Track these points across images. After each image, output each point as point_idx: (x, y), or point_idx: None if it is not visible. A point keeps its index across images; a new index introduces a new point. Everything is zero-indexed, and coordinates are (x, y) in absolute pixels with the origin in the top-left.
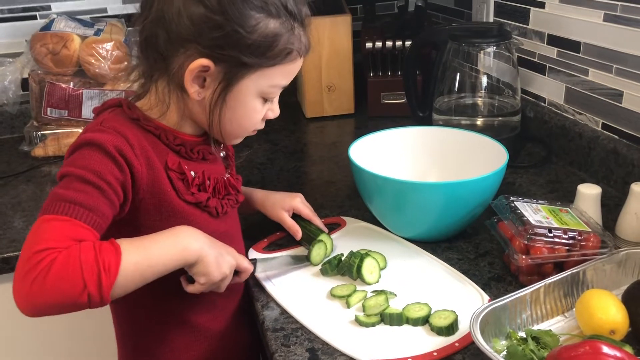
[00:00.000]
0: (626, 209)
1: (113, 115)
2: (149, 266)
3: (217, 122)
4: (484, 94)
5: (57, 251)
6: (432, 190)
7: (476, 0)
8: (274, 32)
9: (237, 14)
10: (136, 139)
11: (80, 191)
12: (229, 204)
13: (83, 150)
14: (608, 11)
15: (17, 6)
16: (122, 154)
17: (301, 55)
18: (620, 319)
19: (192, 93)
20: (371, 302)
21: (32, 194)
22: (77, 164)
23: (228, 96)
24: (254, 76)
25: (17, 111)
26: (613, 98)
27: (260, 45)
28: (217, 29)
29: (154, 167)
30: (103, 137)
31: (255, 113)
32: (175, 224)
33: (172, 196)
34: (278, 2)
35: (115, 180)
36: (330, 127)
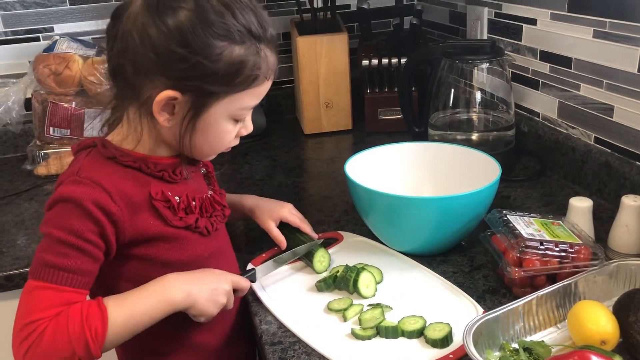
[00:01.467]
0: (617, 221)
1: (89, 160)
2: (136, 323)
3: (188, 146)
4: (478, 109)
5: (46, 321)
6: (427, 204)
7: (470, 18)
8: (239, 58)
9: (201, 45)
10: (113, 185)
11: (62, 255)
12: (218, 220)
13: (60, 207)
14: (597, 28)
15: (21, 28)
16: (99, 206)
17: (268, 78)
18: (610, 329)
19: (161, 121)
20: (367, 316)
21: (34, 212)
22: (55, 223)
23: (197, 123)
24: (222, 102)
25: (21, 130)
26: (604, 112)
27: (226, 73)
28: (182, 61)
29: (135, 206)
30: (78, 191)
31: (227, 134)
32: (170, 248)
33: (160, 227)
34: (241, 27)
35: (95, 235)
36: (328, 143)
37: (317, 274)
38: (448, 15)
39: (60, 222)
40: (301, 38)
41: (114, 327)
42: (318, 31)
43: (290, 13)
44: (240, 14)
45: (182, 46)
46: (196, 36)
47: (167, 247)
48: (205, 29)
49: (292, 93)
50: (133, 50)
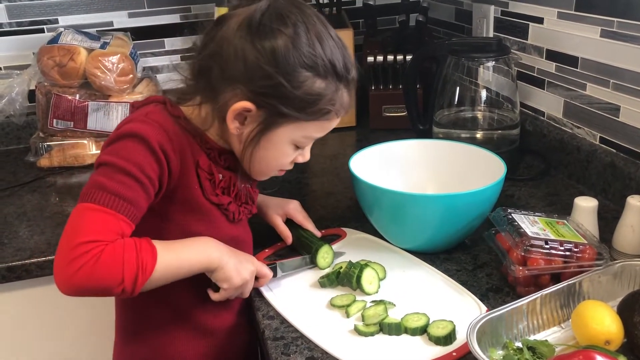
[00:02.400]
0: (622, 222)
1: (157, 109)
2: (177, 268)
3: (248, 158)
4: (483, 107)
5: (103, 244)
6: (431, 202)
7: (476, 16)
8: (318, 91)
9: (288, 69)
10: (176, 136)
11: (123, 184)
12: (245, 212)
13: (127, 141)
14: (605, 27)
15: (25, 19)
16: (162, 148)
17: (339, 115)
18: (615, 329)
19: (231, 128)
20: (370, 312)
21: (37, 204)
22: (120, 154)
23: (263, 138)
24: (290, 126)
25: (24, 122)
26: (610, 112)
27: (303, 100)
28: (267, 78)
29: (187, 164)
30: (147, 130)
31: (285, 157)
32: (196, 219)
33: (197, 193)
34: (328, 63)
35: (155, 174)
36: (332, 140)
37: (321, 269)
38: (454, 12)
39: (126, 154)
40: None
41: (160, 267)
42: None
43: None
44: (330, 49)
45: (271, 65)
46: (286, 60)
47: (195, 217)
48: (296, 56)
49: None
50: (225, 56)
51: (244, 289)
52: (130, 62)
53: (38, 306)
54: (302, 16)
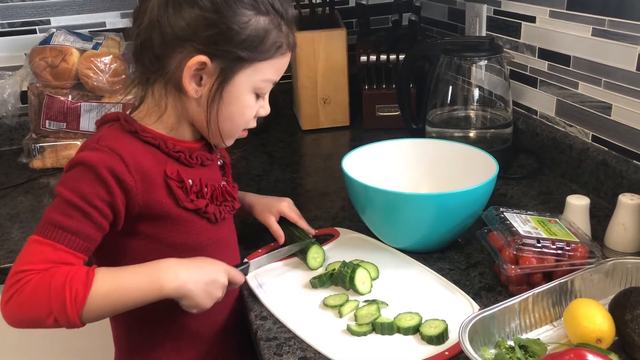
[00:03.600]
0: (614, 220)
1: (111, 130)
2: (120, 298)
3: (214, 119)
4: (476, 106)
5: (34, 273)
6: (423, 201)
7: (469, 15)
8: (264, 27)
9: (230, 13)
10: (131, 156)
11: (65, 215)
12: (226, 210)
13: (75, 170)
14: (596, 26)
15: (17, 20)
16: (114, 174)
17: (290, 49)
18: (606, 327)
19: (190, 91)
20: (363, 312)
21: (29, 205)
22: (67, 184)
23: (224, 91)
24: (248, 71)
25: (16, 123)
26: (602, 111)
27: (253, 40)
28: (212, 27)
29: (152, 180)
30: (96, 157)
31: (249, 109)
32: (175, 230)
33: (170, 205)
34: (267, 1)
35: (103, 203)
36: (326, 139)
37: (312, 270)
38: (447, 12)
39: (71, 184)
40: (299, 33)
41: (95, 295)
42: (316, 27)
43: None
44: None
45: (212, 12)
46: (226, 4)
47: (174, 229)
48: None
49: (289, 89)
50: (162, 21)
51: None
52: (123, 62)
53: None
54: None
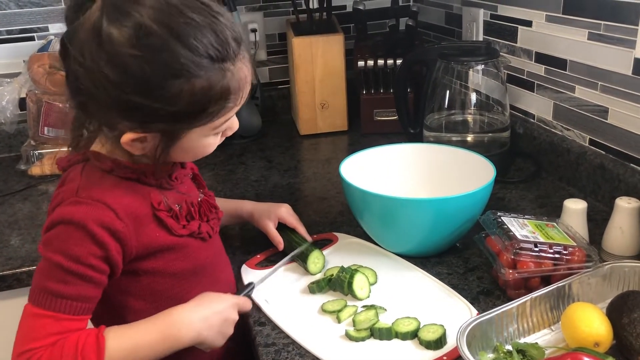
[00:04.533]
0: (612, 223)
1: (86, 175)
2: (138, 358)
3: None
4: (473, 110)
5: (42, 350)
6: (421, 206)
7: (466, 19)
8: (202, 91)
9: (156, 90)
10: (117, 201)
11: (61, 281)
12: (215, 224)
13: (60, 229)
14: (592, 30)
15: (15, 27)
16: (104, 226)
17: (245, 92)
18: (603, 331)
19: (135, 153)
20: (361, 317)
21: (28, 212)
22: (54, 246)
23: (173, 148)
24: (196, 130)
25: (15, 130)
26: (599, 114)
27: (192, 110)
28: (139, 109)
29: (140, 220)
30: (80, 211)
31: (209, 147)
32: (174, 259)
33: (165, 237)
34: (197, 57)
35: (97, 259)
36: (324, 144)
37: (312, 275)
38: (444, 16)
39: (60, 246)
40: (297, 39)
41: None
42: (314, 32)
43: (286, 14)
44: (194, 40)
45: (136, 94)
46: (149, 82)
47: (173, 258)
48: (155, 70)
49: (287, 94)
50: (87, 92)
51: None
52: None
53: None
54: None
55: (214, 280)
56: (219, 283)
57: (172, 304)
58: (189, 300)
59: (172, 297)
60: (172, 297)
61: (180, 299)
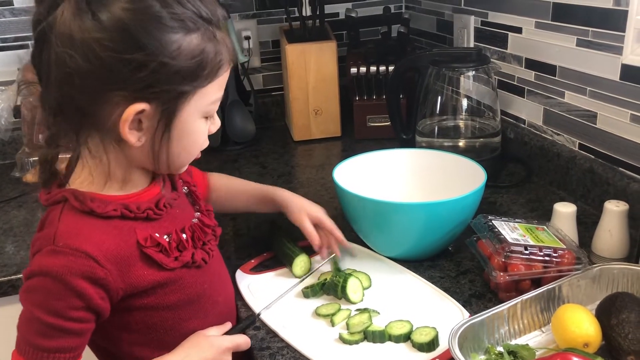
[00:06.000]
0: (601, 226)
1: (64, 220)
2: None
3: (165, 160)
4: (465, 116)
5: None
6: (413, 210)
7: (457, 26)
8: (198, 47)
9: (157, 44)
10: (96, 246)
11: (44, 335)
12: (213, 245)
13: (38, 281)
14: (580, 36)
15: (10, 35)
16: (84, 276)
17: (231, 62)
18: (593, 332)
19: (133, 142)
20: (355, 321)
21: (23, 219)
22: (34, 299)
23: (172, 130)
24: (192, 101)
25: (10, 138)
26: (588, 119)
27: (191, 67)
28: (140, 68)
29: (125, 261)
30: (58, 264)
31: (201, 135)
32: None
33: (155, 274)
34: (192, 14)
35: (79, 311)
36: (318, 150)
37: (295, 277)
38: (435, 23)
39: (39, 300)
40: (290, 46)
41: None
42: (307, 39)
43: (279, 21)
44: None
45: (136, 51)
46: (149, 36)
47: (167, 292)
48: (155, 23)
49: (281, 100)
50: (77, 72)
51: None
52: None
53: None
54: None
55: (213, 303)
56: (218, 305)
57: (166, 334)
58: (177, 349)
59: (167, 328)
60: (168, 328)
61: (176, 329)
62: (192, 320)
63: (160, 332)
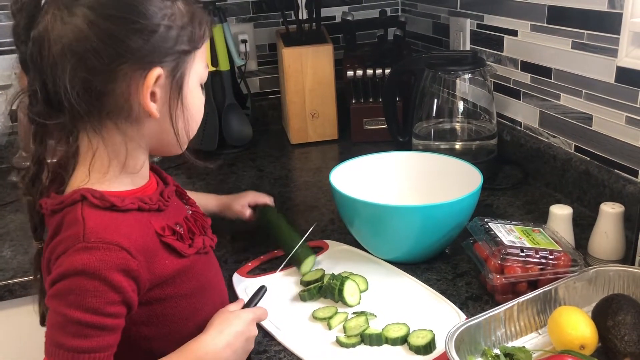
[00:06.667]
0: (597, 228)
1: (88, 217)
2: None
3: (183, 128)
4: (461, 119)
5: None
6: (410, 213)
7: (453, 29)
8: (188, 11)
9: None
10: (127, 239)
11: (80, 336)
12: (210, 233)
13: (73, 281)
14: (575, 39)
15: (6, 40)
16: (121, 270)
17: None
18: (589, 334)
19: (153, 113)
20: (352, 324)
21: (20, 224)
22: (70, 301)
23: (184, 98)
24: (192, 64)
25: (6, 142)
26: (584, 121)
27: (186, 28)
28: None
29: (149, 251)
30: (94, 259)
31: (202, 102)
32: (187, 280)
33: (175, 262)
34: None
35: (116, 306)
36: (315, 153)
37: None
38: (431, 26)
39: (76, 300)
40: (287, 49)
41: None
42: (303, 42)
43: (276, 24)
44: None
45: (138, 18)
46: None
47: (184, 280)
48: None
49: (278, 103)
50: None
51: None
52: None
53: (21, 327)
54: None
55: (219, 291)
56: (223, 293)
57: (183, 325)
58: (208, 328)
59: (183, 318)
60: (184, 317)
61: (191, 319)
62: (204, 308)
63: (178, 323)
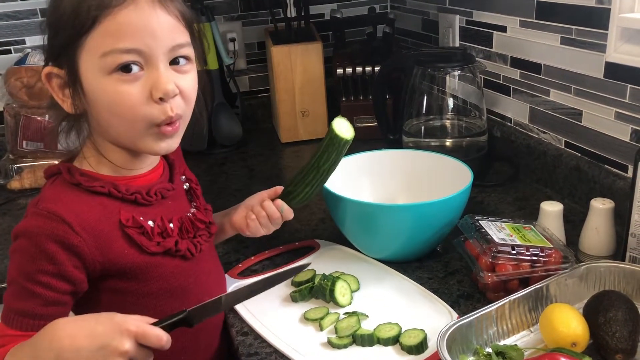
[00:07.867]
0: (587, 225)
1: (52, 188)
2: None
3: (106, 122)
4: (451, 115)
5: None
6: (400, 211)
7: (442, 25)
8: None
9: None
10: (74, 215)
11: (15, 296)
12: (203, 239)
13: (18, 243)
14: (564, 35)
15: None
16: (57, 240)
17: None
18: (580, 331)
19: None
20: (343, 324)
21: (7, 227)
22: (13, 260)
23: (86, 93)
24: (83, 54)
25: None
26: (573, 117)
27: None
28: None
29: (104, 236)
30: (34, 224)
31: (121, 95)
32: (149, 278)
33: (135, 255)
34: None
35: (48, 276)
36: (306, 151)
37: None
38: (421, 23)
39: (16, 260)
40: (276, 47)
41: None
42: (292, 40)
43: (264, 22)
44: None
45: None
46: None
47: (146, 277)
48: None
49: (268, 102)
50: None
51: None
52: None
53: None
54: None
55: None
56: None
57: None
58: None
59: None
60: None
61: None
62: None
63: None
